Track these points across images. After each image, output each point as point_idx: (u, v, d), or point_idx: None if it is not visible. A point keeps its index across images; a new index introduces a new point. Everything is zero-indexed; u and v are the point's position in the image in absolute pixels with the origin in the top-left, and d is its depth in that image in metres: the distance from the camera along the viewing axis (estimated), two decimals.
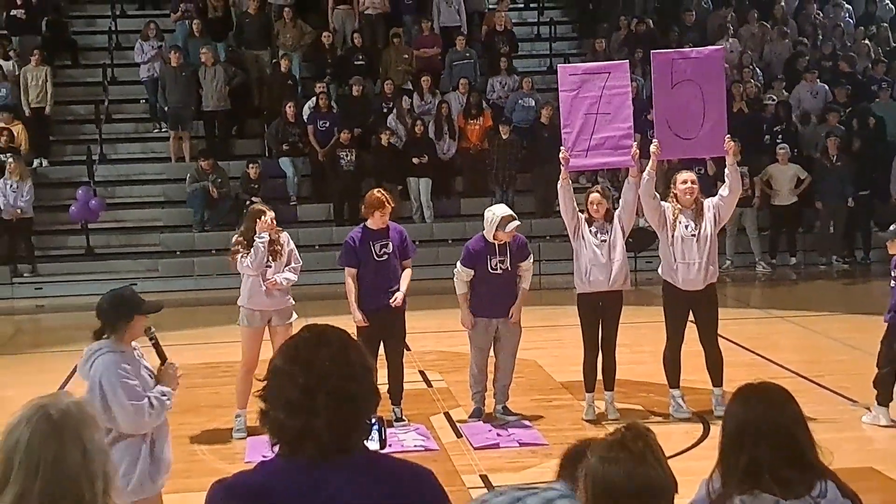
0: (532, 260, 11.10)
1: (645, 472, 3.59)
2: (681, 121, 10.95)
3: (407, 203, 21.33)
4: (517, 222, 10.84)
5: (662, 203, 10.98)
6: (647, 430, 3.77)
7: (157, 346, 6.81)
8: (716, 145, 11.03)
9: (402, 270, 11.03)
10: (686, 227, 10.82)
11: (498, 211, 10.90)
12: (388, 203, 10.88)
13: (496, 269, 10.84)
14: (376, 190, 11.20)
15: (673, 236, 10.85)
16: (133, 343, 6.71)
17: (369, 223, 10.95)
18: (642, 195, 10.89)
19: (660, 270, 11.13)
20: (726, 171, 10.99)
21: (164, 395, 6.63)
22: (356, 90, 22.12)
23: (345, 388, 3.21)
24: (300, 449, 3.24)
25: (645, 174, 10.83)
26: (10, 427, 3.27)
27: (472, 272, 10.88)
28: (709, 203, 10.92)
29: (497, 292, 10.88)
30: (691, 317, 11.09)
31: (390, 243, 10.91)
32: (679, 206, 10.86)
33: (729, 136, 10.92)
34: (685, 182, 10.87)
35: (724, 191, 10.94)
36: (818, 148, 21.59)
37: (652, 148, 10.93)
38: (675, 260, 10.87)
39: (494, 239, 10.80)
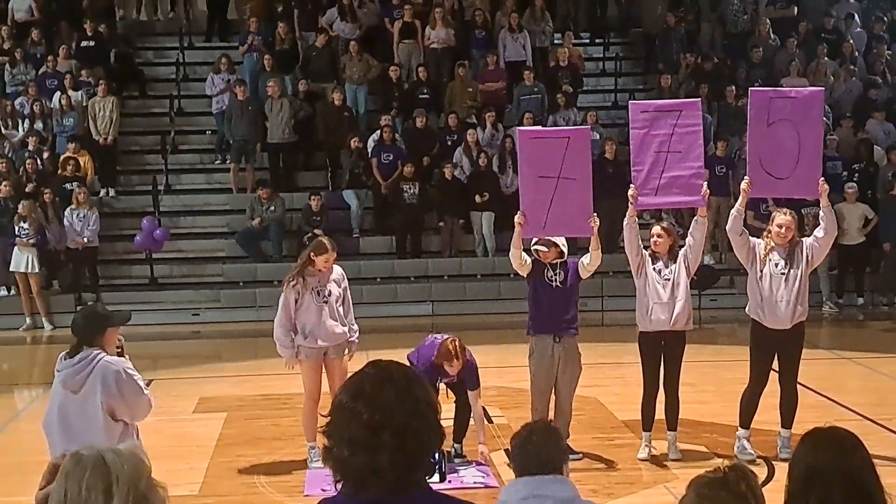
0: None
1: None
2: (774, 160, 10.74)
3: (469, 237, 21.31)
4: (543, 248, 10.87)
5: (753, 239, 10.86)
6: (751, 471, 3.67)
7: (121, 353, 7.52)
8: (809, 187, 10.80)
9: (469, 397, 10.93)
10: (776, 264, 10.64)
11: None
12: (458, 359, 10.65)
13: (553, 282, 10.85)
14: (450, 340, 10.85)
15: (762, 273, 10.71)
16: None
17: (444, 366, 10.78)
18: (730, 232, 10.82)
19: (748, 308, 10.96)
20: (821, 213, 10.81)
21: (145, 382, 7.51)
22: (419, 122, 22.17)
23: (409, 426, 3.14)
24: (364, 486, 3.17)
25: (734, 211, 10.76)
26: (55, 483, 3.26)
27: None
28: (805, 242, 10.77)
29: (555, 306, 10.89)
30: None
31: (455, 380, 10.89)
32: (772, 243, 10.71)
33: (822, 178, 10.75)
34: (780, 226, 10.66)
35: (819, 232, 10.78)
36: (885, 187, 21.37)
37: (743, 185, 10.79)
38: (763, 298, 10.69)
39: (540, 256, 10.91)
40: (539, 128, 16.48)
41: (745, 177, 10.90)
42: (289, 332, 10.80)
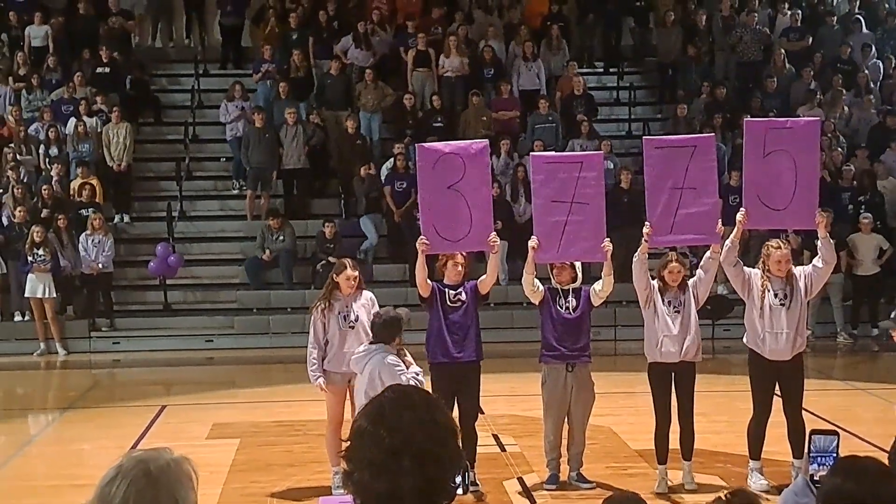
0: None
1: None
2: (771, 191, 10.70)
3: (482, 265, 21.23)
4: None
5: (748, 269, 10.82)
6: (755, 495, 3.63)
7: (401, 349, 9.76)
8: (806, 217, 10.76)
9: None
10: (775, 295, 10.61)
11: None
12: (461, 255, 11.00)
13: (565, 310, 10.88)
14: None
15: (761, 305, 10.66)
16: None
17: (445, 279, 11.01)
18: (724, 263, 10.73)
19: (745, 339, 10.91)
20: (819, 244, 10.79)
21: (418, 374, 9.72)
22: None
23: (430, 451, 3.12)
24: None
25: (728, 241, 10.66)
26: (106, 479, 3.22)
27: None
28: (800, 272, 10.74)
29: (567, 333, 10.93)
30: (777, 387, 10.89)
31: (463, 292, 10.95)
32: (769, 274, 10.68)
33: (820, 208, 10.71)
34: (778, 262, 10.63)
35: (818, 262, 10.74)
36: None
37: (739, 216, 10.75)
38: (763, 329, 10.65)
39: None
40: (553, 153, 16.46)
41: (742, 209, 10.87)
42: (317, 358, 10.81)
